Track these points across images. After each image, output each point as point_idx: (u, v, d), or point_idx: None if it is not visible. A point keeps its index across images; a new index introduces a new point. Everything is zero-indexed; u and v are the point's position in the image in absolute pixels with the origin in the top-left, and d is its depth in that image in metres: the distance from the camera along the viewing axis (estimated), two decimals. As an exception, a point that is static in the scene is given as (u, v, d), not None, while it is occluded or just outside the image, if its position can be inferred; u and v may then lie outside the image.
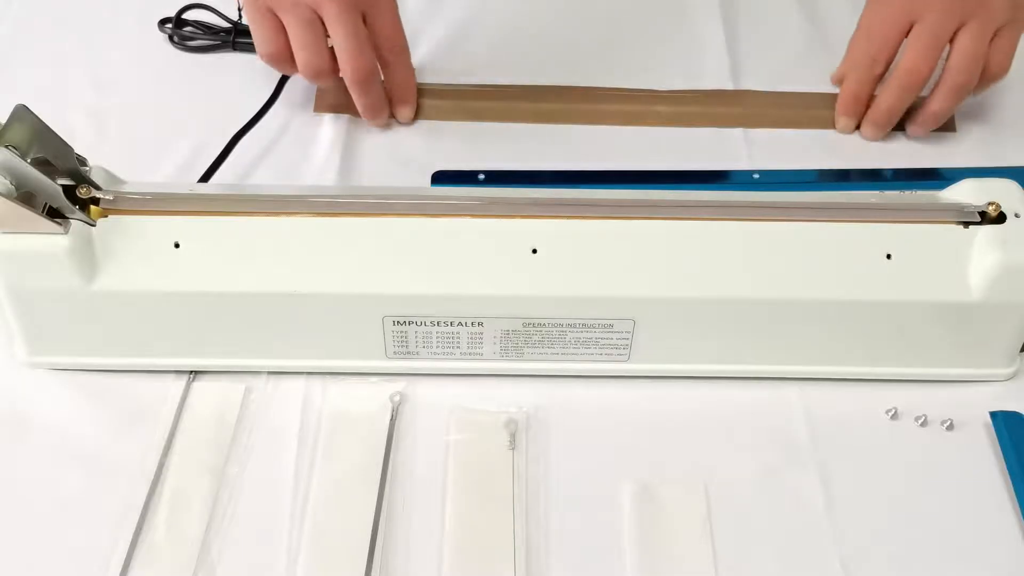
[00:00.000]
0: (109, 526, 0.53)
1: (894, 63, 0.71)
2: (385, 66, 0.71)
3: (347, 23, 0.67)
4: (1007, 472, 0.56)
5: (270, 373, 0.60)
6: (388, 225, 0.55)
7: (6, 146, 0.51)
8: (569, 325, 0.57)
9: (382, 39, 0.70)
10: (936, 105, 0.70)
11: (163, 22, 0.79)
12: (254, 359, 0.59)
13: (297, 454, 0.57)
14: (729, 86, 0.76)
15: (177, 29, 0.78)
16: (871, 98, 0.72)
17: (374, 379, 0.60)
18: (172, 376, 0.60)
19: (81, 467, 0.56)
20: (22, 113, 0.53)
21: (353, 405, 0.59)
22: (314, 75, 0.68)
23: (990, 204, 0.56)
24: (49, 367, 0.60)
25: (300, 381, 0.60)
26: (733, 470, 0.56)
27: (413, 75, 0.73)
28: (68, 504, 0.54)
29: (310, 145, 0.72)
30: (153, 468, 0.56)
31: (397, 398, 0.59)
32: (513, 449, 0.57)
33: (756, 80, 0.77)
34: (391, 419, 0.58)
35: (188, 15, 0.78)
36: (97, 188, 0.55)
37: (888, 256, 0.55)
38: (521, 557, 0.52)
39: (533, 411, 0.59)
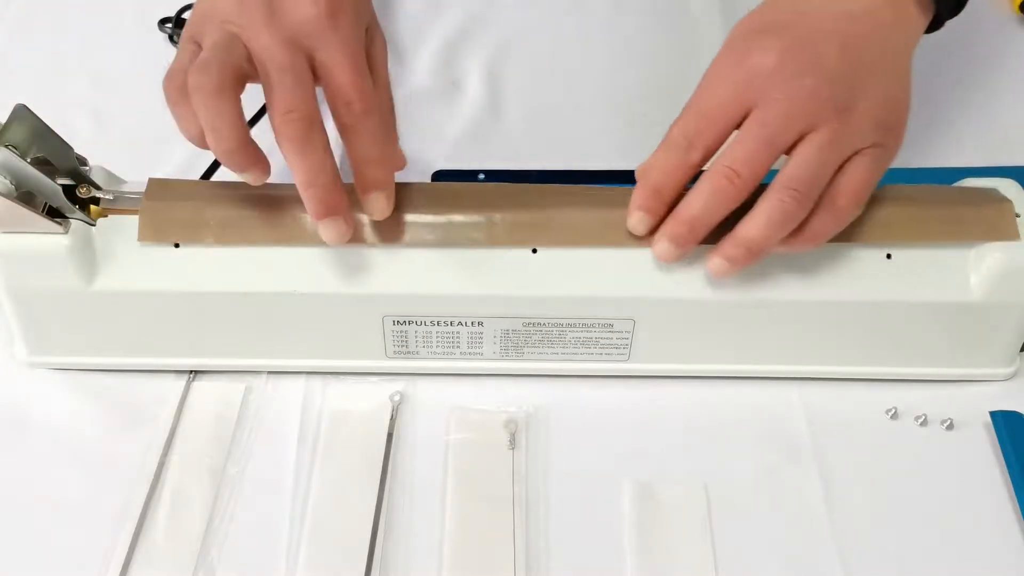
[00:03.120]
0: (109, 526, 0.53)
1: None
2: (343, 131, 0.51)
3: (281, 56, 0.49)
4: (1007, 472, 0.56)
5: (270, 373, 0.60)
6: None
7: (6, 146, 0.51)
8: (569, 325, 0.57)
9: (335, 90, 0.50)
10: (750, 230, 0.50)
11: (163, 22, 0.79)
12: (254, 359, 0.59)
13: (297, 454, 0.57)
14: None
15: (177, 29, 0.78)
16: (678, 197, 0.52)
17: (374, 379, 0.60)
18: (172, 376, 0.60)
19: (81, 467, 0.56)
20: (22, 113, 0.53)
21: (353, 405, 0.59)
22: (202, 77, 0.47)
23: (990, 204, 0.56)
24: (49, 367, 0.60)
25: (300, 381, 0.60)
26: (733, 470, 0.56)
27: (389, 147, 0.53)
28: (68, 504, 0.54)
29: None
30: (153, 468, 0.56)
31: (397, 398, 0.59)
32: (513, 448, 0.57)
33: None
34: (391, 419, 0.58)
35: (188, 15, 0.78)
36: (97, 188, 0.55)
37: (888, 256, 0.55)
38: (521, 557, 0.52)
39: (533, 411, 0.59)
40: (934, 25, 0.56)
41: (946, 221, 0.55)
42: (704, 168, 0.52)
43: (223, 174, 0.67)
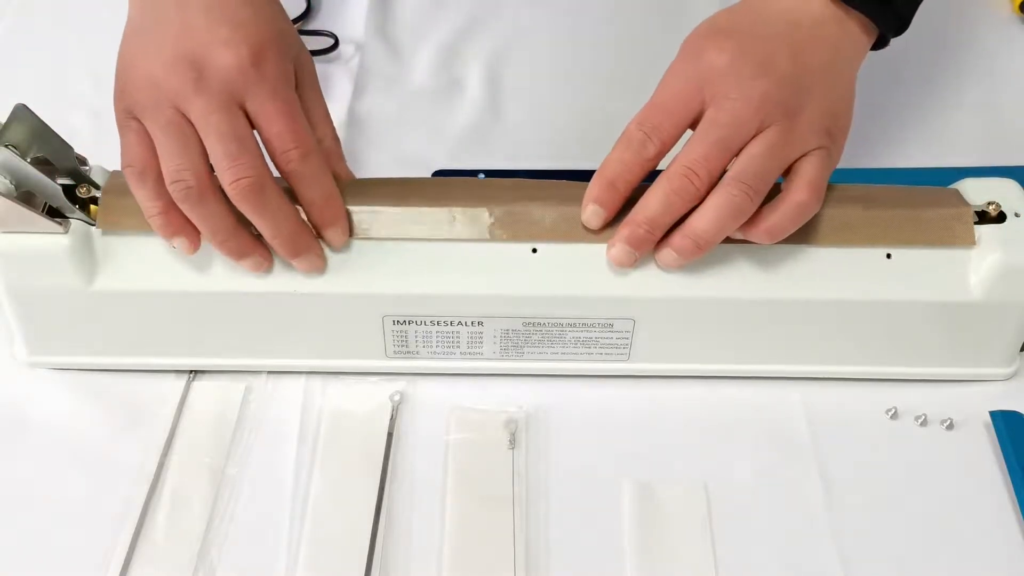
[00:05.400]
0: (109, 526, 0.53)
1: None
2: (287, 177, 0.52)
3: (219, 121, 0.50)
4: (1007, 472, 0.56)
5: (270, 373, 0.60)
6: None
7: (6, 146, 0.51)
8: (569, 325, 0.57)
9: (271, 140, 0.51)
10: (700, 222, 0.51)
11: (163, 22, 0.79)
12: (254, 359, 0.59)
13: (297, 454, 0.57)
14: None
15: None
16: (632, 193, 0.53)
17: (374, 379, 0.60)
18: (172, 376, 0.60)
19: (81, 467, 0.56)
20: (22, 113, 0.53)
21: (353, 405, 0.59)
22: (186, 193, 0.50)
23: (990, 204, 0.56)
24: (49, 367, 0.60)
25: (300, 381, 0.60)
26: (733, 470, 0.56)
27: (333, 184, 0.53)
28: (68, 504, 0.54)
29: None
30: (153, 468, 0.56)
31: (397, 397, 0.59)
32: (513, 448, 0.57)
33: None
34: (391, 418, 0.58)
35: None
36: (97, 188, 0.55)
37: (888, 256, 0.55)
38: (521, 557, 0.52)
39: (533, 410, 0.59)
40: (881, 43, 0.57)
41: (904, 223, 0.55)
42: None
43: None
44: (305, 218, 0.53)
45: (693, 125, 0.52)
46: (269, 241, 0.53)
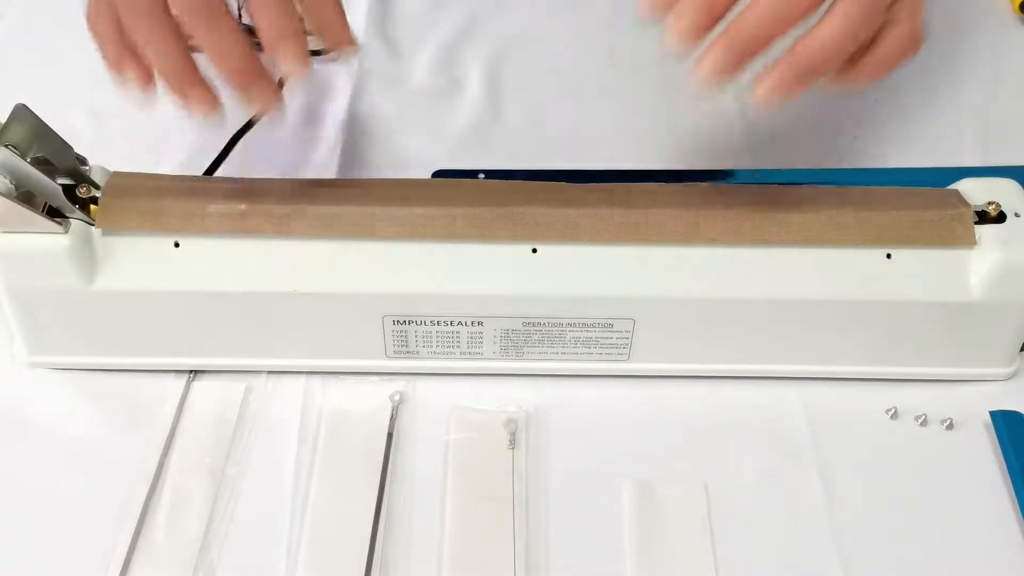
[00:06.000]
0: (109, 526, 0.53)
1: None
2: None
3: None
4: (1007, 472, 0.56)
5: (270, 372, 0.60)
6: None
7: (6, 145, 0.51)
8: (569, 324, 0.57)
9: None
10: (824, 31, 0.48)
11: (163, 22, 0.79)
12: (254, 359, 0.59)
13: (297, 454, 0.57)
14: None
15: (177, 29, 0.78)
16: (718, 15, 0.48)
17: (374, 378, 0.60)
18: (172, 376, 0.60)
19: (81, 467, 0.56)
20: (22, 113, 0.53)
21: (353, 405, 0.59)
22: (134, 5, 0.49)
23: (990, 204, 0.56)
24: (49, 367, 0.60)
25: (300, 380, 0.60)
26: (733, 470, 0.56)
27: (292, 9, 0.50)
28: (68, 504, 0.54)
29: (310, 145, 0.72)
30: (153, 468, 0.55)
31: (397, 397, 0.59)
32: (513, 448, 0.57)
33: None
34: (391, 418, 0.58)
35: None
36: (97, 187, 0.55)
37: (888, 256, 0.55)
38: (521, 557, 0.52)
39: (533, 410, 0.59)
40: None
41: (904, 224, 0.55)
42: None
43: (222, 174, 0.67)
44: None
45: None
46: (216, 68, 0.49)
